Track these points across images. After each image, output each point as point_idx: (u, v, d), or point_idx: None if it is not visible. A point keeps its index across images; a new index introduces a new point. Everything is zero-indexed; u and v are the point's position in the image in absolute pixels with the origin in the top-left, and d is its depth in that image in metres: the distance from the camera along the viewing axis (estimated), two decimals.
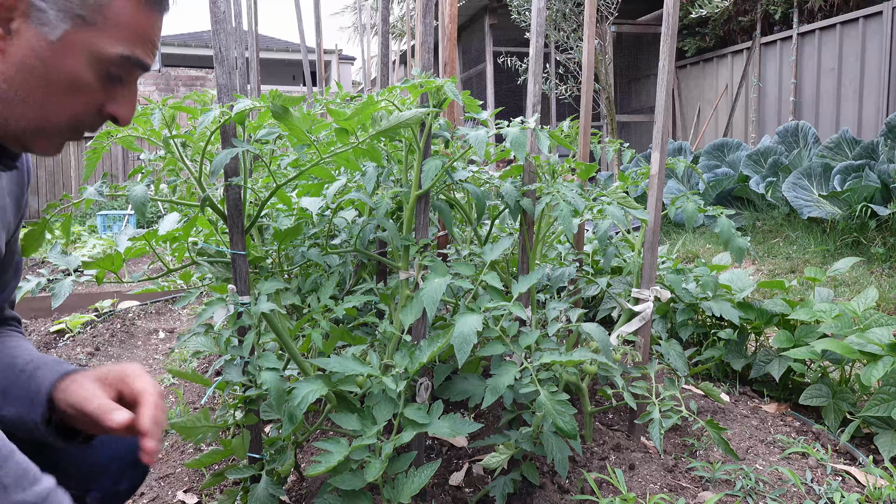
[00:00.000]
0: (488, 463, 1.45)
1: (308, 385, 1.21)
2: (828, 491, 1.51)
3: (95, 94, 0.81)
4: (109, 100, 0.83)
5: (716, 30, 8.97)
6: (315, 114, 1.33)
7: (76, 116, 0.81)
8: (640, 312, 1.79)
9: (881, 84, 6.77)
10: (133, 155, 11.51)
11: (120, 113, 0.84)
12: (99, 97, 0.81)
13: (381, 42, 1.85)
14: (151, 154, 1.57)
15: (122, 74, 0.82)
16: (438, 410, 1.25)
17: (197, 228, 1.72)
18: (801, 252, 4.91)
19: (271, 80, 15.51)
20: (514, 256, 1.93)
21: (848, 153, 5.64)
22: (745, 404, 2.09)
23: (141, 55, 0.81)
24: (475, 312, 1.29)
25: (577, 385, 1.71)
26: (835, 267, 2.34)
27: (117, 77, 0.81)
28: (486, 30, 10.07)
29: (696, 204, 1.93)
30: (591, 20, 2.08)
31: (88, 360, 2.92)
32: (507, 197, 1.56)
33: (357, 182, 1.66)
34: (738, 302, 2.19)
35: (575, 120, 1.90)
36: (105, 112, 0.83)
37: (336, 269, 1.73)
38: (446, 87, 1.33)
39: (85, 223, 9.16)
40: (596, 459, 1.65)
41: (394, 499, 1.19)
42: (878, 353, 1.76)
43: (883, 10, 6.70)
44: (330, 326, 1.42)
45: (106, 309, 3.80)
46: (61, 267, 1.39)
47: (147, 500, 1.64)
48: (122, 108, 0.84)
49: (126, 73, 0.82)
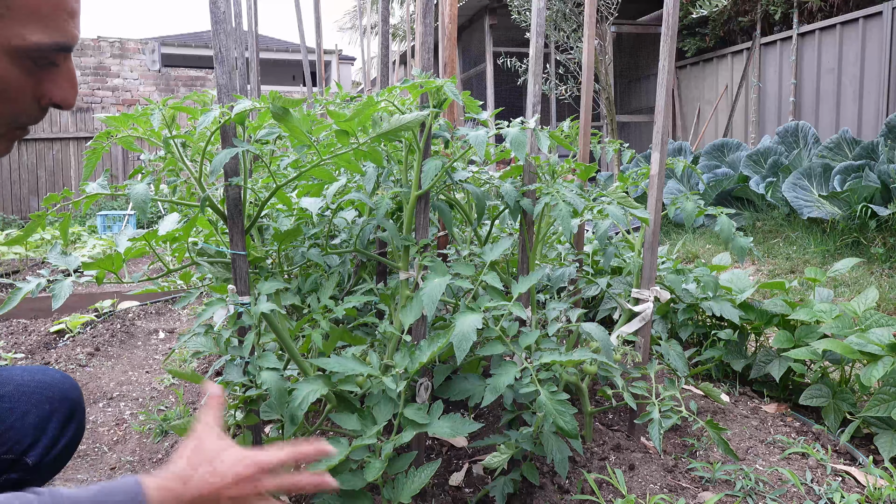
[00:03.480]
0: (488, 463, 1.45)
1: (308, 385, 1.21)
2: (828, 491, 1.51)
3: (27, 87, 0.75)
4: (45, 87, 0.77)
5: (716, 30, 8.97)
6: (315, 114, 1.33)
7: (13, 114, 0.76)
8: (640, 313, 1.79)
9: (881, 84, 6.77)
10: (133, 155, 11.51)
11: (59, 97, 0.78)
12: (32, 88, 0.75)
13: (381, 42, 1.85)
14: (151, 154, 1.57)
15: (48, 59, 0.75)
16: (438, 410, 1.25)
17: (197, 229, 1.72)
18: (801, 252, 4.91)
19: (271, 81, 15.51)
20: (514, 257, 1.93)
21: (848, 153, 5.64)
22: (745, 405, 2.09)
23: (61, 36, 0.74)
24: (475, 312, 1.29)
25: (577, 385, 1.71)
26: (835, 267, 2.34)
27: (44, 63, 0.75)
28: (486, 30, 10.07)
29: (695, 204, 1.93)
30: (591, 20, 2.08)
31: (88, 360, 2.92)
32: (507, 197, 1.56)
33: (357, 182, 1.66)
34: (738, 302, 2.20)
35: (575, 120, 1.90)
36: (44, 100, 0.78)
37: (336, 269, 1.73)
38: (446, 87, 1.33)
39: (85, 223, 9.17)
40: (596, 459, 1.65)
41: (394, 499, 1.19)
42: (878, 354, 1.76)
43: (883, 10, 6.70)
44: (330, 326, 1.42)
45: (106, 309, 3.80)
46: (61, 267, 1.38)
47: None
48: (61, 92, 0.78)
49: (53, 58, 0.75)
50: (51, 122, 11.16)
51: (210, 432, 0.85)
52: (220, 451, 0.83)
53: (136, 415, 2.34)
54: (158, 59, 12.42)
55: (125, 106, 12.23)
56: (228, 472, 0.80)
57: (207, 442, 0.84)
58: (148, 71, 12.38)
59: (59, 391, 1.14)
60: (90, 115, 11.48)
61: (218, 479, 0.79)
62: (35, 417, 1.09)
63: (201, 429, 0.86)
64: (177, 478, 0.78)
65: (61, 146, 11.21)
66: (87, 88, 12.00)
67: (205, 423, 0.87)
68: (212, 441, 0.84)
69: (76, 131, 11.22)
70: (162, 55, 12.63)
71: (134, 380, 2.71)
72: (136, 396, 2.52)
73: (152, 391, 2.57)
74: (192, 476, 0.79)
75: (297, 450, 0.86)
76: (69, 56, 0.78)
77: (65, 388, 1.16)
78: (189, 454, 0.82)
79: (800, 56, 7.81)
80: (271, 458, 0.83)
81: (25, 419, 1.08)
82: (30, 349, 3.09)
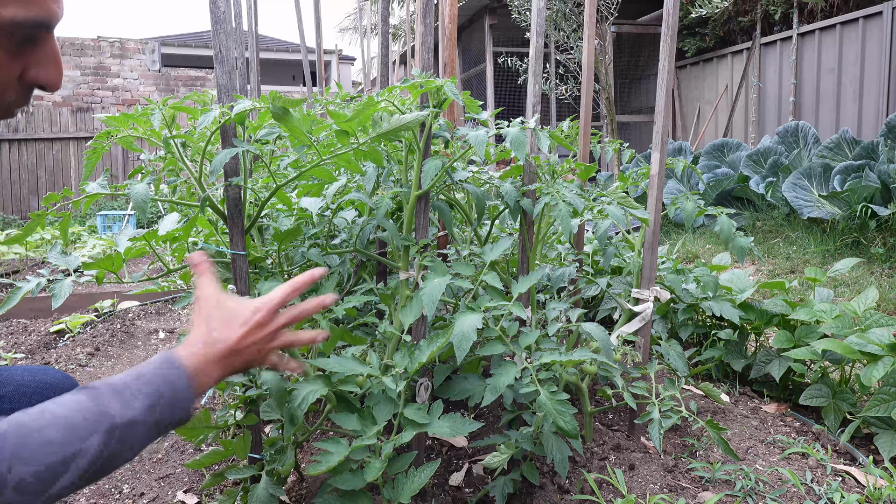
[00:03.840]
0: (488, 463, 1.45)
1: (308, 385, 1.21)
2: (828, 491, 1.51)
3: (8, 67, 0.72)
4: (27, 67, 0.75)
5: (716, 30, 8.97)
6: (315, 114, 1.33)
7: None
8: (640, 313, 1.79)
9: (881, 84, 6.77)
10: (133, 155, 11.52)
11: (43, 77, 0.76)
12: (13, 68, 0.73)
13: (381, 42, 1.85)
14: (151, 154, 1.57)
15: (29, 36, 0.72)
16: (438, 410, 1.25)
17: (197, 228, 1.72)
18: (801, 252, 4.91)
19: (271, 80, 15.52)
20: (514, 256, 1.93)
21: (848, 153, 5.64)
22: (745, 404, 2.09)
23: (39, 12, 0.71)
24: (475, 312, 1.29)
25: (577, 385, 1.71)
26: (835, 267, 2.34)
27: (24, 41, 0.72)
28: (486, 30, 10.07)
29: (695, 204, 1.93)
30: (591, 20, 2.08)
31: (88, 360, 2.92)
32: (507, 197, 1.56)
33: (357, 182, 1.66)
34: (738, 302, 2.20)
35: (575, 120, 1.90)
36: (27, 80, 0.76)
37: (336, 269, 1.73)
38: (446, 87, 1.33)
39: (85, 223, 9.17)
40: (596, 459, 1.65)
41: (394, 499, 1.19)
42: (879, 354, 1.76)
43: (883, 10, 6.70)
44: (330, 326, 1.42)
45: (106, 309, 3.80)
46: (61, 267, 1.38)
47: (147, 501, 1.64)
48: (45, 72, 0.76)
49: (32, 34, 0.72)
50: (51, 121, 11.16)
51: (214, 296, 0.94)
52: (232, 309, 0.93)
53: None
54: (158, 59, 12.42)
55: (125, 106, 12.23)
56: (246, 323, 0.92)
57: (217, 304, 0.93)
58: (148, 71, 12.38)
59: (60, 392, 1.14)
60: (90, 115, 11.48)
61: (236, 332, 0.91)
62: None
63: (206, 295, 0.95)
64: (201, 342, 0.89)
65: (61, 146, 11.21)
66: (87, 88, 11.99)
67: (205, 288, 0.96)
68: (221, 302, 0.94)
69: (76, 131, 11.23)
70: (162, 55, 12.63)
71: None
72: None
73: None
74: (215, 338, 0.90)
75: (294, 282, 0.98)
76: (51, 35, 0.76)
77: (66, 388, 1.16)
78: (205, 319, 0.92)
79: (800, 56, 7.81)
80: (275, 298, 0.95)
81: None
82: (30, 349, 3.09)
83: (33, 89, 0.78)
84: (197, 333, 0.90)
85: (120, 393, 0.78)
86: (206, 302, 0.94)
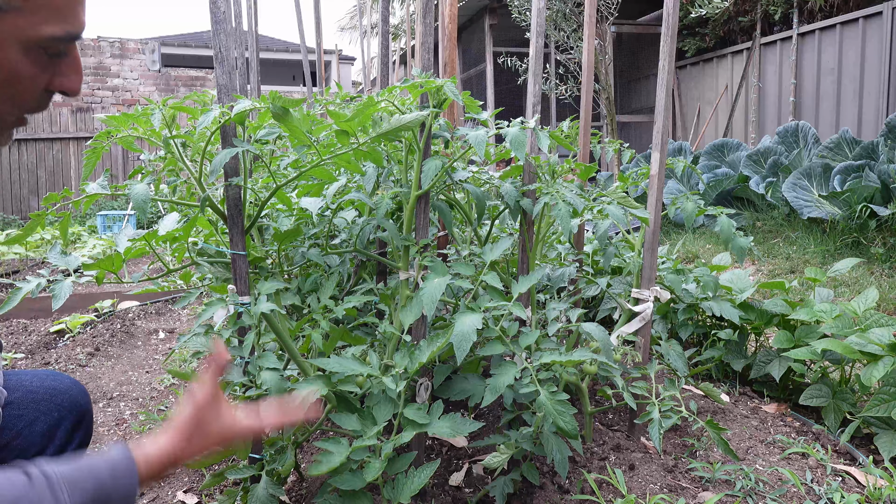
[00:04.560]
0: (488, 463, 1.45)
1: (308, 385, 1.21)
2: (828, 491, 1.51)
3: (38, 78, 0.76)
4: (54, 76, 0.77)
5: (716, 30, 8.97)
6: (315, 114, 1.33)
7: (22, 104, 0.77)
8: (640, 313, 1.79)
9: (881, 84, 6.77)
10: (133, 155, 11.51)
11: (67, 86, 0.79)
12: (42, 79, 0.76)
13: (381, 42, 1.85)
14: (151, 154, 1.57)
15: (60, 50, 0.75)
16: (438, 410, 1.25)
17: (197, 229, 1.72)
18: (801, 252, 4.91)
19: (271, 80, 15.51)
20: (514, 256, 1.93)
21: (848, 153, 5.64)
22: (745, 405, 2.09)
23: (73, 26, 0.74)
24: (475, 312, 1.29)
25: (577, 385, 1.71)
26: (835, 267, 2.34)
27: (55, 54, 0.75)
28: (486, 30, 10.07)
29: (695, 204, 1.93)
30: (591, 20, 2.08)
31: (88, 360, 2.92)
32: (507, 197, 1.56)
33: (357, 182, 1.66)
34: (738, 302, 2.20)
35: (575, 120, 1.90)
36: (52, 89, 0.78)
37: (336, 269, 1.73)
38: (446, 87, 1.33)
39: (85, 223, 9.17)
40: (596, 459, 1.65)
41: (394, 499, 1.19)
42: (879, 354, 1.76)
43: (883, 11, 6.70)
44: (330, 326, 1.42)
45: (106, 309, 3.80)
46: (61, 267, 1.38)
47: (147, 500, 1.64)
48: (69, 81, 0.79)
49: (63, 47, 0.76)
50: (51, 121, 11.16)
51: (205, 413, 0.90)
52: (213, 421, 0.90)
53: (136, 415, 2.34)
54: (158, 59, 12.41)
55: (125, 106, 12.23)
56: (213, 443, 0.89)
57: (203, 409, 0.90)
58: (148, 71, 12.38)
59: (68, 398, 1.13)
60: (90, 114, 11.48)
61: (200, 450, 0.88)
62: (44, 425, 1.08)
63: (200, 396, 0.91)
64: (167, 456, 0.85)
65: (61, 146, 11.21)
66: (87, 88, 11.99)
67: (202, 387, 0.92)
68: (207, 409, 0.90)
69: (76, 131, 11.22)
70: (162, 55, 12.63)
71: (134, 380, 2.71)
72: (136, 396, 2.52)
73: (152, 391, 2.57)
74: (180, 456, 0.86)
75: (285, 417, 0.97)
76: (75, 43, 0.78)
77: (74, 394, 1.15)
78: (185, 423, 0.88)
79: (800, 56, 7.81)
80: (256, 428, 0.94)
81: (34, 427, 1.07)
82: (30, 349, 3.09)
83: (53, 95, 0.80)
84: (166, 446, 0.86)
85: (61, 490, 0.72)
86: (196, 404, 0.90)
